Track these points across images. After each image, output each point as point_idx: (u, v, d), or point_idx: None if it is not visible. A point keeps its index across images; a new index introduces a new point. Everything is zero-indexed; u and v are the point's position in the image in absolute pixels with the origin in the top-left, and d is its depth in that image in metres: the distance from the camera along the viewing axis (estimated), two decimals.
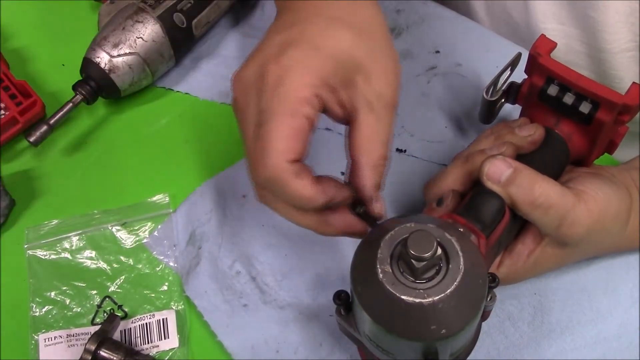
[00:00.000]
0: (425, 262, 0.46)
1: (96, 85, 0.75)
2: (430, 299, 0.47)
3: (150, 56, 0.77)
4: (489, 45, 0.83)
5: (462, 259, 0.48)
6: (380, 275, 0.48)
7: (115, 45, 0.75)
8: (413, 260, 0.46)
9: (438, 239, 0.48)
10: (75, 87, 0.75)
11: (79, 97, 0.75)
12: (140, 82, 0.78)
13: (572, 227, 0.56)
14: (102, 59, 0.75)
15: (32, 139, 0.72)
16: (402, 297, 0.47)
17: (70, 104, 0.75)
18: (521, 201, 0.56)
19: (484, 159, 0.57)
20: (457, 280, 0.47)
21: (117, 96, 0.78)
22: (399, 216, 0.52)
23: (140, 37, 0.76)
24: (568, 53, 0.61)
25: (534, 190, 0.55)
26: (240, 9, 0.89)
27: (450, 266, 0.48)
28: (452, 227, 0.51)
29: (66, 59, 0.84)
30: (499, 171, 0.56)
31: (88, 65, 0.76)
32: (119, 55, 0.75)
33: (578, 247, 0.60)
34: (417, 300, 0.47)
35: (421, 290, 0.47)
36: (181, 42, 0.80)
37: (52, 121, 0.73)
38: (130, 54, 0.75)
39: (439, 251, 0.47)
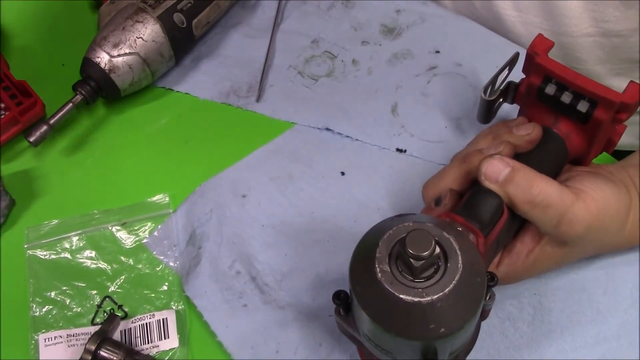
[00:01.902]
0: (423, 261, 0.46)
1: (96, 85, 0.75)
2: (428, 298, 0.46)
3: (150, 56, 0.77)
4: (489, 45, 0.84)
5: (460, 258, 0.48)
6: (379, 275, 0.47)
7: (115, 45, 0.75)
8: (411, 259, 0.46)
9: (436, 238, 0.47)
10: (75, 87, 0.75)
11: (79, 97, 0.75)
12: (140, 82, 0.78)
13: (571, 226, 0.56)
14: (102, 59, 0.75)
15: (32, 139, 0.72)
16: (401, 296, 0.47)
17: (71, 104, 0.75)
18: (519, 200, 0.56)
19: (482, 159, 0.57)
20: (456, 279, 0.47)
21: (117, 96, 0.78)
22: (397, 215, 0.52)
23: (140, 37, 0.76)
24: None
25: (532, 189, 0.55)
26: (240, 9, 0.89)
27: (448, 265, 0.48)
28: (451, 226, 0.51)
29: (66, 59, 0.84)
30: (497, 170, 0.56)
31: (88, 65, 0.76)
32: (119, 55, 0.75)
33: (577, 245, 0.59)
34: (416, 299, 0.47)
35: (420, 289, 0.47)
36: (181, 42, 0.80)
37: (52, 121, 0.74)
38: (130, 54, 0.75)
39: (437, 250, 0.47)
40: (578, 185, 0.58)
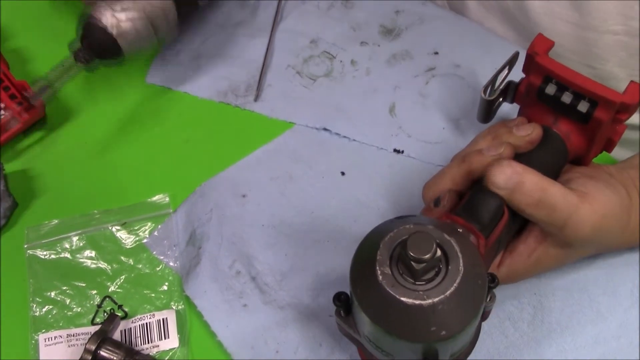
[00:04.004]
0: (424, 264, 0.46)
1: (97, 45, 0.72)
2: (430, 301, 0.47)
3: (154, 14, 0.73)
4: (488, 46, 0.84)
5: (461, 261, 0.48)
6: (380, 277, 0.48)
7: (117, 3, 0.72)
8: (412, 262, 0.46)
9: (437, 241, 0.47)
10: (74, 51, 0.73)
11: (78, 53, 0.73)
12: (144, 43, 0.74)
13: (577, 229, 0.56)
14: (105, 16, 0.72)
15: (30, 95, 0.72)
16: (402, 298, 0.47)
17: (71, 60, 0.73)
18: (525, 203, 0.56)
19: (488, 164, 0.57)
20: (457, 281, 0.47)
21: (119, 55, 0.74)
22: (397, 217, 0.52)
23: None
24: (551, 34, 0.62)
25: (539, 192, 0.55)
26: (240, 8, 0.89)
27: (449, 267, 0.48)
28: (452, 228, 0.51)
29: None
30: (505, 178, 0.55)
31: (89, 25, 0.72)
32: (122, 10, 0.72)
33: (580, 247, 0.60)
34: (417, 301, 0.47)
35: (421, 292, 0.47)
36: (186, 7, 0.77)
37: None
38: (133, 9, 0.72)
39: (439, 253, 0.47)
40: (581, 188, 0.58)
